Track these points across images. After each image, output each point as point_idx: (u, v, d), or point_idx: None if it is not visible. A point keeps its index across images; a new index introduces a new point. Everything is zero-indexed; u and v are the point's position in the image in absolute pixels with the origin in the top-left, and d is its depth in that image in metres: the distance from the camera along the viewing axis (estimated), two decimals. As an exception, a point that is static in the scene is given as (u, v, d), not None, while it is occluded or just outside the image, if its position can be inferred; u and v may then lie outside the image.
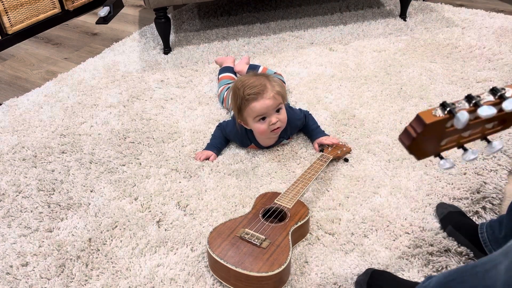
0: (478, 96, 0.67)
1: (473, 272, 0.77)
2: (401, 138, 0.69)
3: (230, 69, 1.97)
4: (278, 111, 1.45)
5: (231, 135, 1.60)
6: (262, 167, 1.53)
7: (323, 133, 1.61)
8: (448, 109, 0.65)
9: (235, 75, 1.95)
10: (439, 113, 0.65)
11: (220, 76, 1.93)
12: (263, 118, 1.45)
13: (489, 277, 0.73)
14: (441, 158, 0.71)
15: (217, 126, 1.64)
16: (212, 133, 1.64)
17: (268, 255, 1.11)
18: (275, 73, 1.89)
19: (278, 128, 1.47)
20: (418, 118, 0.66)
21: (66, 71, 2.21)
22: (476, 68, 2.00)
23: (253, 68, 1.93)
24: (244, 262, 1.09)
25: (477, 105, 0.65)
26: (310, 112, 1.67)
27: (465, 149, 0.71)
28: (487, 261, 0.75)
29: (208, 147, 1.60)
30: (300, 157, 1.57)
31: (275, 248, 1.13)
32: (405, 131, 0.68)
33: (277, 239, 1.15)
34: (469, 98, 0.66)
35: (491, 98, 0.67)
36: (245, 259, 1.10)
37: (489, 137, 0.73)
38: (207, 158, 1.56)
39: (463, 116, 0.63)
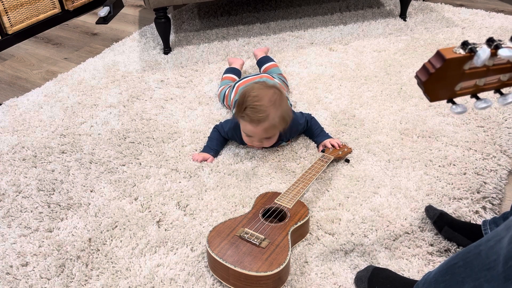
0: (500, 40, 0.66)
1: (476, 251, 0.77)
2: (417, 75, 0.67)
3: (235, 71, 1.97)
4: (268, 137, 1.48)
5: (230, 133, 1.59)
6: (262, 167, 1.53)
7: (328, 136, 1.62)
8: (469, 47, 0.63)
9: (239, 77, 1.95)
10: (460, 51, 0.64)
11: (224, 76, 1.94)
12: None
13: (493, 252, 0.73)
14: (454, 103, 0.70)
15: (214, 127, 1.63)
16: (209, 135, 1.64)
17: (267, 255, 1.11)
18: (279, 74, 1.89)
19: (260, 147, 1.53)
20: (438, 54, 0.64)
21: (66, 71, 2.21)
22: (476, 68, 2.00)
23: (264, 61, 1.98)
24: (243, 262, 1.09)
25: (497, 48, 0.64)
26: (312, 116, 1.66)
27: (478, 98, 0.70)
28: (491, 238, 0.75)
29: (205, 149, 1.59)
30: (300, 157, 1.57)
31: (274, 247, 1.13)
32: (423, 67, 0.66)
33: (276, 239, 1.15)
34: (490, 41, 0.65)
35: None
36: (244, 258, 1.10)
37: (503, 90, 0.72)
38: (205, 160, 1.56)
39: (484, 52, 0.62)
